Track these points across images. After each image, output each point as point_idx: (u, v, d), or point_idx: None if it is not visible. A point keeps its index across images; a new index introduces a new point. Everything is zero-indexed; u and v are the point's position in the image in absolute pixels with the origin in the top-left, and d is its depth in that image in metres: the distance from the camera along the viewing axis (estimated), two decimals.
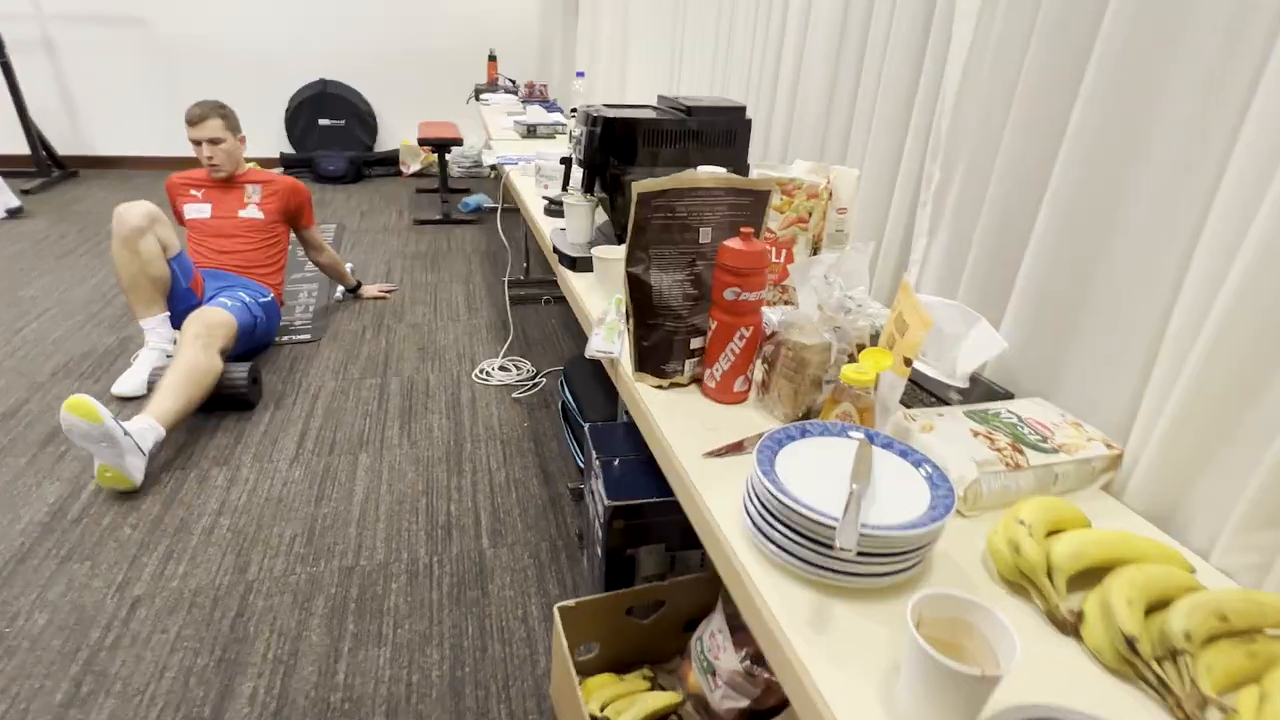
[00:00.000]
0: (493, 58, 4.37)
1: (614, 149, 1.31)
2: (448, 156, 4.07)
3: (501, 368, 2.48)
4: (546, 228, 1.65)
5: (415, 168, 5.23)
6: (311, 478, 1.87)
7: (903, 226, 1.25)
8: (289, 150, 4.97)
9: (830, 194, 1.13)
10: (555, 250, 1.46)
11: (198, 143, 2.39)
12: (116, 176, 4.78)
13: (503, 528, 1.72)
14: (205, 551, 1.60)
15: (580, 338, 2.76)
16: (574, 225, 1.43)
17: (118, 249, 2.11)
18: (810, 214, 1.10)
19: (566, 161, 1.50)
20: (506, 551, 1.64)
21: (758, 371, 0.94)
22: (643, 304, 0.93)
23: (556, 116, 3.23)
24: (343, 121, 4.96)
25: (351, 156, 4.93)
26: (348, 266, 2.99)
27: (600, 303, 1.25)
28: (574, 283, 1.37)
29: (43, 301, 2.83)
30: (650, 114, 1.35)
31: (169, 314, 2.24)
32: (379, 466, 1.93)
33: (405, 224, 4.11)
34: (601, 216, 1.50)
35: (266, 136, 4.95)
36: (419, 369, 2.46)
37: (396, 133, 5.27)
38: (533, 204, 1.92)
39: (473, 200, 4.41)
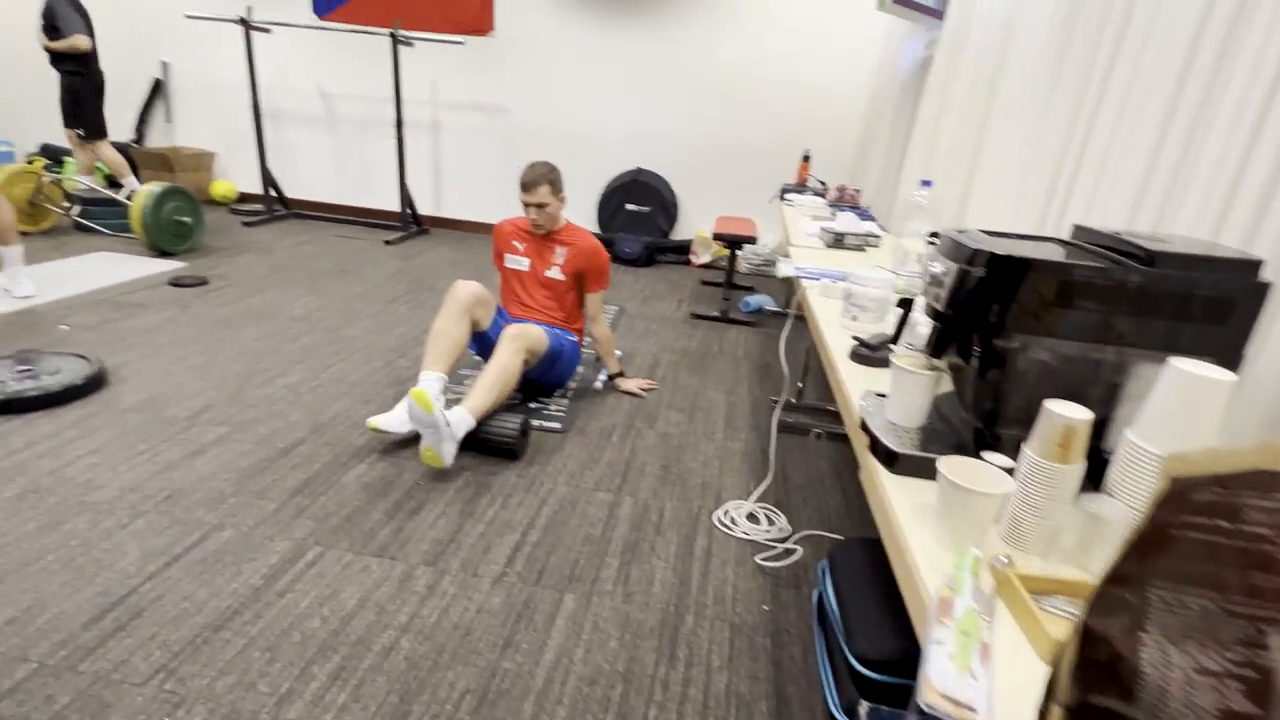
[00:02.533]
0: (806, 158, 4.11)
1: (1003, 302, 0.82)
2: (738, 253, 3.84)
3: (750, 515, 2.02)
4: (849, 381, 1.19)
5: (704, 259, 5.14)
6: (508, 611, 1.58)
7: None
8: (595, 230, 5.19)
9: None
10: (865, 428, 0.98)
11: (527, 205, 2.51)
12: (456, 236, 5.39)
13: None
14: (373, 681, 1.36)
15: (863, 510, 2.19)
16: (903, 402, 0.95)
17: (443, 313, 2.31)
18: None
19: (906, 305, 1.04)
20: None
21: None
22: (1099, 680, 0.42)
23: (870, 227, 2.78)
24: (648, 208, 5.08)
25: (648, 241, 4.99)
26: (617, 353, 2.82)
27: (936, 556, 0.74)
28: (887, 488, 0.88)
29: (357, 342, 3.07)
30: (1083, 259, 0.83)
31: (481, 355, 2.53)
32: (582, 618, 1.57)
33: (682, 316, 3.93)
34: (945, 386, 0.99)
35: (577, 215, 5.23)
36: (657, 492, 2.11)
37: (694, 222, 5.26)
38: (832, 338, 1.48)
39: (754, 301, 4.12)
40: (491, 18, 5.01)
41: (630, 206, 5.09)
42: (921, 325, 1.05)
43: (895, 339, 1.04)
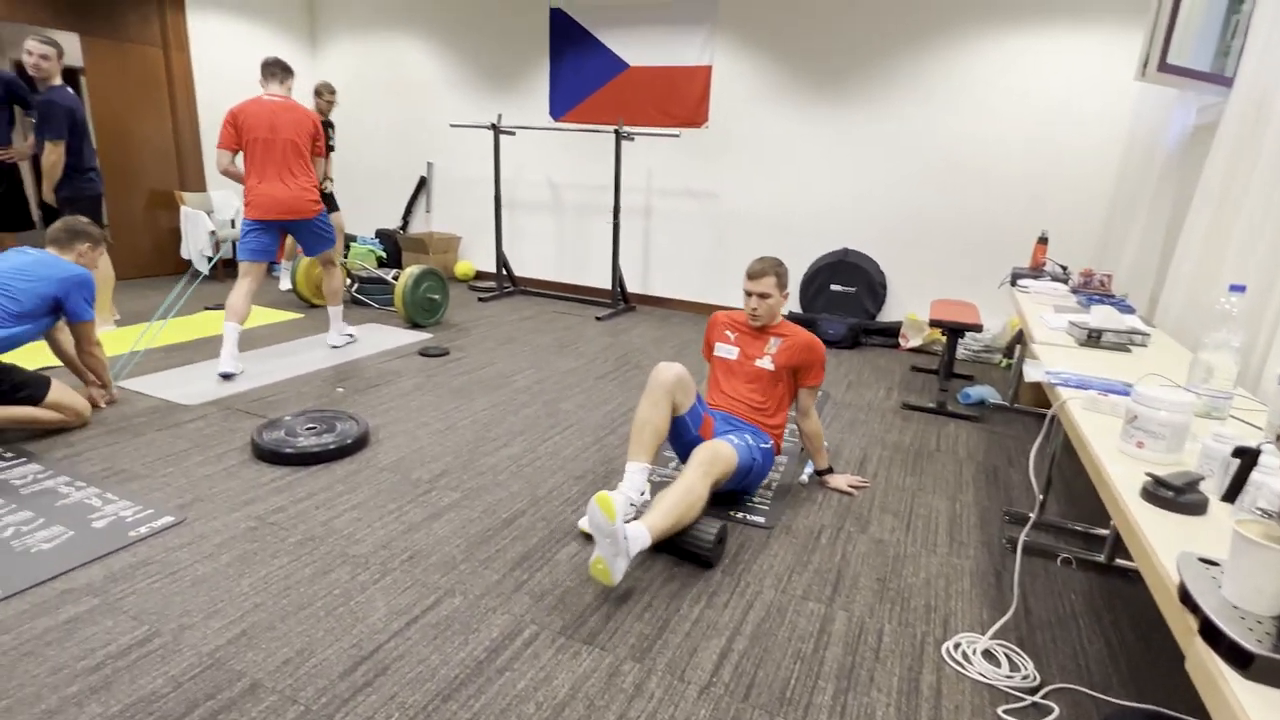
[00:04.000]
0: (1044, 240, 3.73)
1: None
2: (962, 341, 3.54)
3: (987, 652, 1.76)
4: (1150, 532, 0.99)
5: (915, 342, 4.82)
6: None
7: None
8: (797, 310, 5.11)
9: None
10: (1191, 604, 0.80)
11: (749, 294, 2.52)
12: (660, 314, 5.59)
13: None
14: None
15: (1136, 665, 1.84)
16: (1252, 582, 0.76)
17: (646, 398, 2.30)
18: None
19: (1246, 456, 0.82)
20: None
21: None
22: None
23: (1133, 322, 2.42)
24: (853, 289, 4.91)
25: (852, 324, 4.80)
26: (824, 444, 2.69)
27: None
28: (1239, 698, 0.69)
29: (571, 417, 3.24)
30: None
31: (674, 453, 2.52)
32: None
33: (892, 405, 3.68)
34: None
35: None
36: (874, 610, 1.92)
37: (904, 303, 4.98)
38: (1114, 469, 1.26)
39: (975, 392, 3.75)
40: (707, 111, 5.27)
41: (835, 287, 4.96)
42: (1276, 482, 0.84)
43: (1231, 495, 0.84)
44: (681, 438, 2.43)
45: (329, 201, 5.05)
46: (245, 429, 2.85)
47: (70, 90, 3.78)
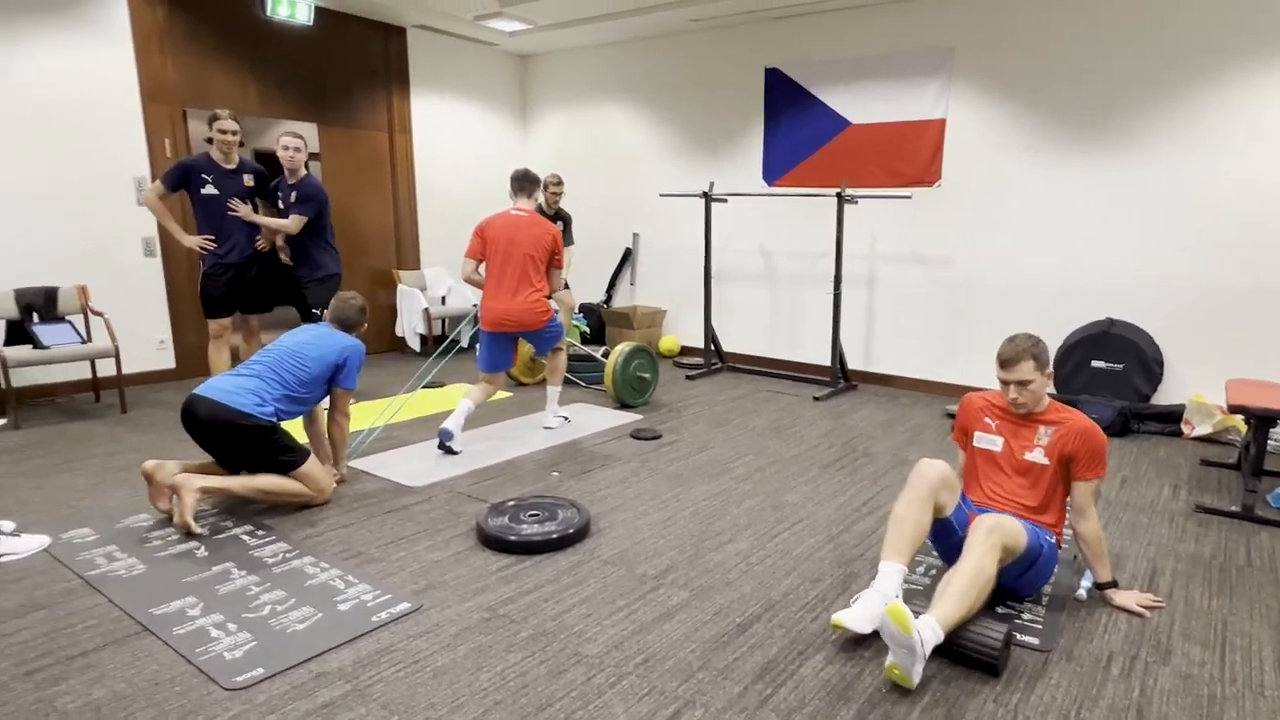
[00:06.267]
0: None
1: None
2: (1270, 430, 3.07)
3: None
4: None
5: (1203, 430, 4.26)
6: None
7: None
8: (1050, 390, 4.73)
9: None
10: None
11: (1006, 383, 2.45)
12: (886, 394, 5.44)
13: None
14: None
15: None
16: None
17: (907, 495, 2.31)
18: None
19: None
20: None
21: None
22: None
23: None
24: (1120, 365, 4.49)
25: (1121, 407, 4.37)
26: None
27: None
28: None
29: (799, 511, 3.24)
30: None
31: (937, 555, 2.54)
32: None
33: (1181, 507, 3.26)
34: None
35: None
36: None
37: (1186, 384, 4.47)
38: None
39: None
40: (940, 169, 5.19)
41: (1097, 363, 4.56)
42: None
43: None
44: (947, 539, 2.41)
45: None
46: (469, 513, 3.18)
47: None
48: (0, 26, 4.53)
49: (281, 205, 4.52)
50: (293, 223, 4.41)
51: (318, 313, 4.53)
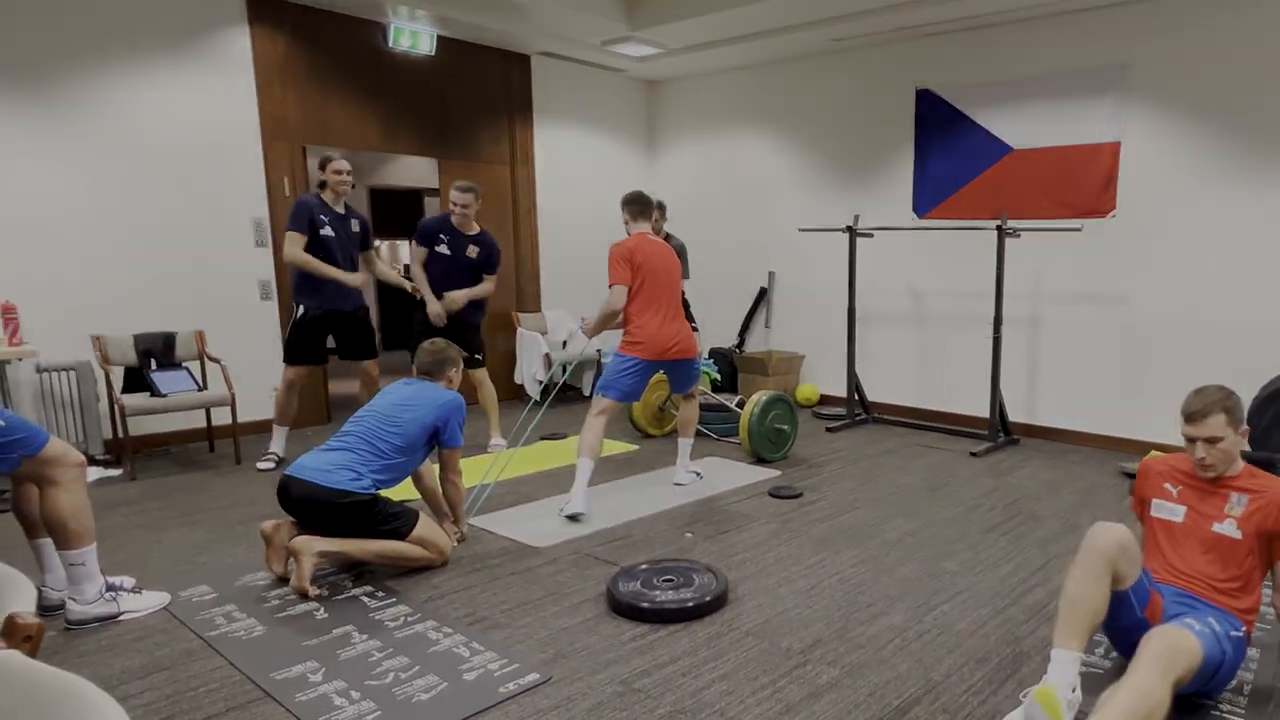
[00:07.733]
0: None
1: None
2: None
3: None
4: None
5: None
6: None
7: None
8: (1244, 447, 4.37)
9: None
10: None
11: (1192, 440, 2.33)
12: (1052, 449, 5.19)
13: None
14: None
15: None
16: None
17: (1079, 567, 2.19)
18: None
19: None
20: None
21: None
22: None
23: None
24: None
25: None
26: None
27: None
28: None
29: (958, 581, 3.15)
30: None
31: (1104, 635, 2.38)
32: None
33: None
34: None
35: None
36: None
37: None
38: None
39: None
40: (1114, 197, 4.98)
41: None
42: None
43: None
44: (1121, 619, 2.26)
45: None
46: (597, 576, 3.26)
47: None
48: (121, 67, 4.72)
49: (448, 251, 4.86)
50: (490, 287, 4.97)
51: (479, 357, 5.01)
